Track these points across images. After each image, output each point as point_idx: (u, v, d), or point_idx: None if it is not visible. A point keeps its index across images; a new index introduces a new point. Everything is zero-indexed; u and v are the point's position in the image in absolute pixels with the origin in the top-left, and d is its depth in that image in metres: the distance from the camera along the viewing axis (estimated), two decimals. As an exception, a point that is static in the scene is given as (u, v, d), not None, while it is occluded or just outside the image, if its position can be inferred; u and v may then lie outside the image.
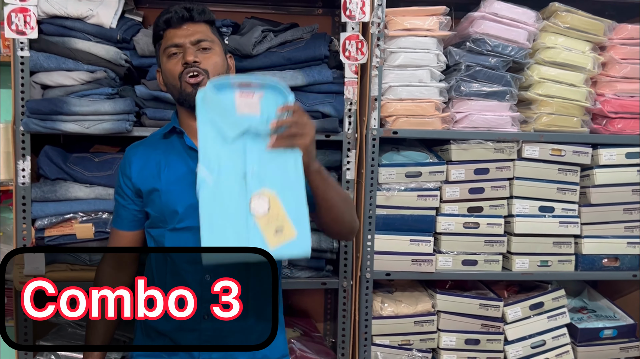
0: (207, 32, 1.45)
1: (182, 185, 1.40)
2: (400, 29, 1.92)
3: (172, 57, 1.42)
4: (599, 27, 2.02)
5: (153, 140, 1.53)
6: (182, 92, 1.40)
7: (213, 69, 1.41)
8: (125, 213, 1.50)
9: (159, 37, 1.46)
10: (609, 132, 2.06)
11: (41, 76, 1.81)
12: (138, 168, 1.46)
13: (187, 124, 1.46)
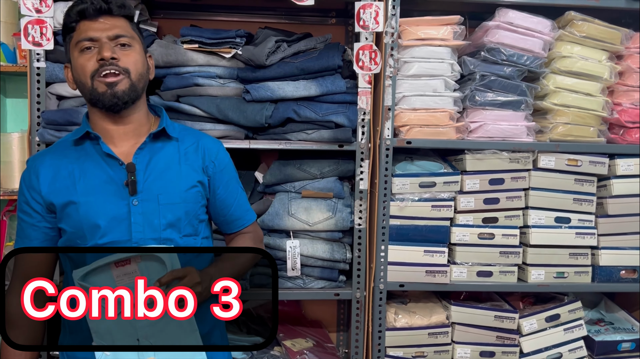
0: (127, 27, 1.32)
1: (103, 196, 1.29)
2: (414, 39, 1.91)
3: (85, 52, 1.28)
4: (615, 35, 1.99)
5: (61, 147, 1.38)
6: (94, 91, 1.27)
7: (134, 68, 1.30)
8: (35, 233, 1.34)
9: (70, 30, 1.32)
10: (626, 142, 2.03)
11: (57, 87, 1.83)
12: (48, 180, 1.32)
13: (101, 127, 1.34)
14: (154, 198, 1.31)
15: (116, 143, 1.34)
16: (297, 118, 1.86)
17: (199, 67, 1.89)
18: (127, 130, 1.34)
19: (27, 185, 1.34)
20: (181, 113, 1.85)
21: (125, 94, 1.28)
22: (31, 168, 1.35)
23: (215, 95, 1.87)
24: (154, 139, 1.36)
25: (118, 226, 1.28)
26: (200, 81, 1.87)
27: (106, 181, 1.30)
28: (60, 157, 1.34)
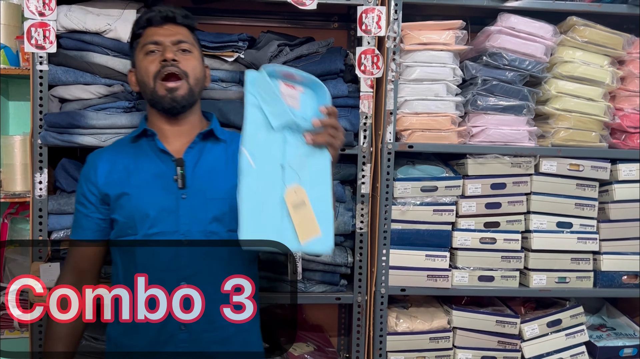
0: (188, 35, 1.44)
1: (154, 189, 1.37)
2: (416, 43, 1.91)
3: (149, 54, 1.40)
4: (617, 41, 2.00)
5: (118, 145, 1.50)
6: (155, 93, 1.38)
7: (192, 72, 1.39)
8: (88, 223, 1.43)
9: (137, 36, 1.43)
10: (628, 147, 2.03)
11: (59, 90, 1.83)
12: (105, 173, 1.41)
13: (158, 127, 1.44)
14: (201, 192, 1.38)
15: (170, 142, 1.43)
16: (299, 122, 1.86)
17: (202, 70, 1.89)
18: (181, 130, 1.44)
19: (85, 178, 1.45)
20: (183, 116, 1.85)
21: (183, 99, 1.39)
22: (90, 163, 1.46)
23: (217, 99, 1.87)
24: (203, 139, 1.45)
25: (167, 217, 1.36)
26: (202, 84, 1.87)
27: (158, 175, 1.39)
28: (117, 153, 1.45)
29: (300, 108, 1.24)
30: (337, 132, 1.26)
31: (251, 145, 1.20)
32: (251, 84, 1.21)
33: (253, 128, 1.20)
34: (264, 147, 1.21)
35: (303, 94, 1.26)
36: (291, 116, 1.23)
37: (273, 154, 1.22)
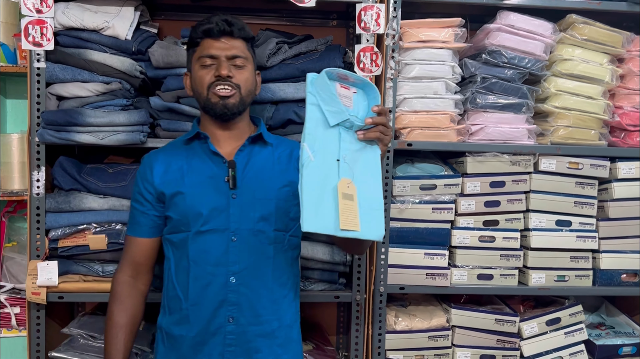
0: (243, 48, 1.50)
1: (206, 188, 1.46)
2: (415, 41, 1.91)
3: (205, 66, 1.47)
4: (616, 39, 1.99)
5: (173, 146, 1.58)
6: (208, 101, 1.47)
7: (244, 85, 1.48)
8: (144, 220, 1.53)
9: (195, 44, 1.50)
10: (627, 145, 2.03)
11: (57, 87, 1.82)
12: (161, 172, 1.50)
13: (210, 130, 1.53)
14: (250, 193, 1.47)
15: (221, 144, 1.52)
16: (297, 119, 1.86)
17: (200, 68, 1.88)
18: (232, 134, 1.53)
19: (141, 177, 1.53)
20: (181, 114, 1.85)
21: (234, 107, 1.48)
22: (146, 164, 1.54)
23: (215, 97, 1.86)
24: (252, 143, 1.54)
25: (218, 216, 1.45)
26: (200, 82, 1.86)
27: (210, 176, 1.47)
28: (172, 154, 1.53)
29: (353, 107, 1.36)
30: (387, 129, 1.35)
31: (311, 141, 1.29)
32: (311, 85, 1.31)
33: (313, 125, 1.30)
34: (322, 142, 1.31)
35: (356, 94, 1.37)
36: (347, 114, 1.32)
37: (330, 149, 1.31)
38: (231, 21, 1.48)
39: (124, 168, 1.89)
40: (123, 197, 1.83)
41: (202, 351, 1.46)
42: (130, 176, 1.85)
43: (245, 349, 1.46)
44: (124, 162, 1.98)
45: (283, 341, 1.51)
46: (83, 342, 1.85)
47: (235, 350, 1.46)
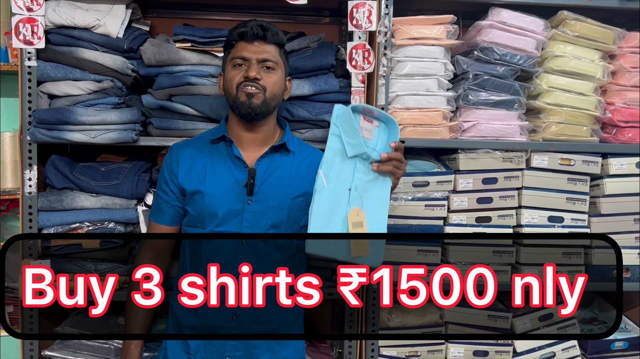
0: (275, 53, 1.55)
1: (225, 191, 1.52)
2: (408, 38, 1.91)
3: (236, 67, 1.53)
4: (608, 35, 2.00)
5: (200, 142, 1.62)
6: (237, 99, 1.52)
7: (271, 87, 1.53)
8: (168, 209, 1.60)
9: (230, 46, 1.56)
10: (619, 141, 2.04)
11: (48, 86, 1.82)
12: (186, 168, 1.57)
13: (235, 133, 1.58)
14: (265, 200, 1.53)
15: (245, 148, 1.57)
16: (290, 117, 1.86)
17: (192, 66, 1.88)
18: (256, 138, 1.58)
19: (168, 168, 1.60)
20: (174, 112, 1.85)
21: (258, 107, 1.51)
22: (173, 155, 1.60)
23: (208, 94, 1.86)
24: (274, 151, 1.59)
25: (232, 219, 1.52)
26: (192, 80, 1.86)
27: (231, 180, 1.54)
28: (198, 151, 1.59)
29: (373, 140, 1.45)
30: (401, 164, 1.45)
31: (327, 169, 1.40)
32: (337, 117, 1.41)
33: (331, 155, 1.41)
34: (338, 171, 1.41)
35: (377, 128, 1.47)
36: (364, 148, 1.42)
37: (344, 178, 1.42)
38: (266, 26, 1.53)
39: (117, 167, 1.89)
40: (115, 196, 1.83)
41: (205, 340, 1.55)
42: (123, 174, 1.85)
43: (245, 345, 1.55)
44: (116, 160, 1.98)
45: (277, 327, 1.58)
46: (76, 341, 1.85)
47: (235, 345, 1.54)
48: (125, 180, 1.83)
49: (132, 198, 1.84)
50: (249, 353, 1.55)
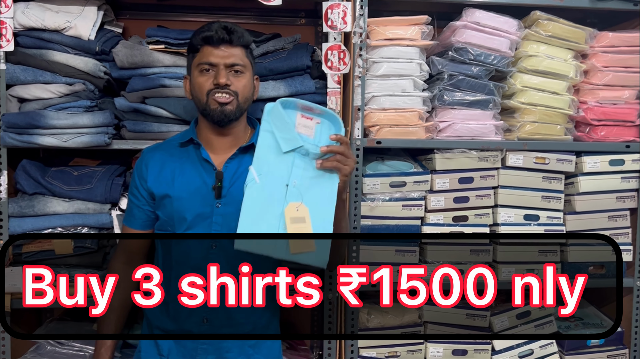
0: (242, 56, 1.52)
1: (193, 195, 1.50)
2: (383, 39, 1.91)
3: (204, 72, 1.50)
4: (580, 35, 2.02)
5: (169, 146, 1.60)
6: (207, 107, 1.49)
7: (242, 91, 1.51)
8: (140, 213, 1.58)
9: (195, 50, 1.52)
10: (592, 140, 2.06)
11: (18, 89, 1.79)
12: (155, 173, 1.54)
13: (205, 136, 1.56)
14: (234, 203, 1.46)
15: (214, 150, 1.55)
16: (265, 119, 1.84)
17: (165, 67, 1.86)
18: (226, 141, 1.56)
19: (138, 173, 1.58)
20: (147, 114, 1.82)
21: (232, 113, 1.50)
22: (144, 159, 1.58)
23: (182, 96, 1.84)
24: (242, 152, 1.55)
25: (201, 222, 1.49)
26: (166, 82, 1.84)
27: (199, 183, 1.51)
28: (167, 155, 1.57)
29: (314, 136, 1.42)
30: (347, 158, 1.40)
31: (259, 165, 1.38)
32: (267, 113, 1.40)
33: (263, 151, 1.39)
34: (271, 167, 1.39)
35: (320, 125, 1.44)
36: (300, 142, 1.40)
37: (279, 174, 1.39)
38: (231, 29, 1.50)
39: (90, 171, 1.86)
40: (89, 200, 1.80)
41: (177, 342, 1.53)
42: (96, 179, 1.82)
43: (217, 348, 1.52)
44: (89, 164, 1.95)
45: (255, 341, 1.55)
46: (50, 349, 1.82)
47: (207, 348, 1.52)
48: (99, 184, 1.80)
49: (105, 203, 1.82)
50: (221, 357, 1.52)
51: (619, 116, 2.06)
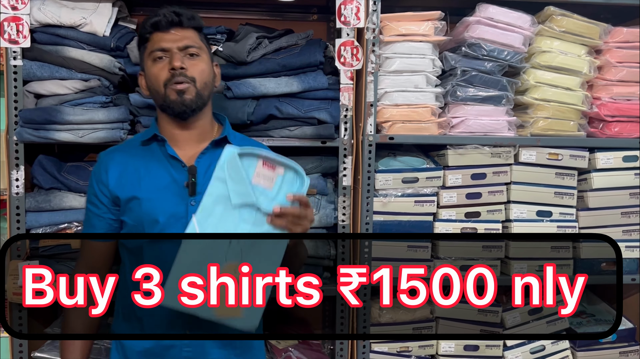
0: (195, 38, 1.42)
1: (164, 194, 1.38)
2: (396, 35, 1.91)
3: (157, 61, 1.39)
4: (594, 30, 2.01)
5: (130, 146, 1.48)
6: (166, 98, 1.38)
7: (200, 77, 1.39)
8: (100, 223, 1.44)
9: (145, 40, 1.42)
10: (605, 136, 2.06)
11: (34, 85, 1.80)
12: (116, 175, 1.42)
13: (168, 132, 1.44)
14: None
15: (180, 147, 1.43)
16: (279, 114, 1.85)
17: (180, 64, 1.87)
18: (192, 135, 1.44)
19: (96, 178, 1.44)
20: (162, 111, 1.84)
21: (192, 102, 1.38)
22: (101, 164, 1.45)
23: (196, 93, 1.85)
24: (215, 146, 1.44)
25: (176, 223, 1.36)
26: (180, 78, 1.85)
27: (169, 181, 1.39)
28: (129, 155, 1.44)
29: (273, 189, 1.29)
30: (301, 220, 1.28)
31: (203, 216, 1.25)
32: (224, 161, 1.26)
33: (211, 201, 1.26)
34: (217, 220, 1.26)
35: (282, 176, 1.30)
36: (252, 199, 1.27)
37: (226, 228, 1.26)
38: (179, 11, 1.40)
39: (105, 166, 1.87)
40: (104, 195, 1.82)
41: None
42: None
43: (199, 355, 1.41)
44: (104, 159, 1.96)
45: (241, 350, 1.46)
46: (67, 341, 1.83)
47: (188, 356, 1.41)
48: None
49: (121, 198, 1.83)
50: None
51: (633, 112, 2.04)
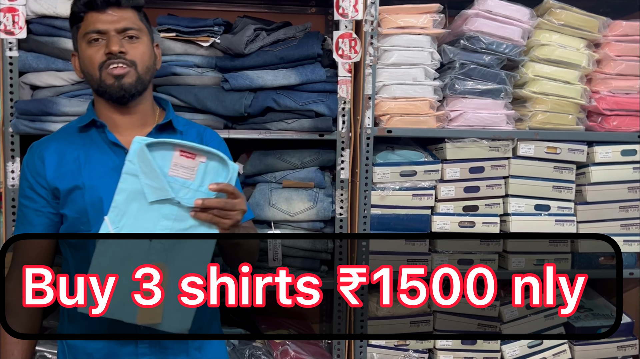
0: (135, 19, 1.32)
1: (108, 182, 1.26)
2: (394, 27, 1.90)
3: (92, 43, 1.29)
4: (593, 24, 2.01)
5: (66, 133, 1.38)
6: (102, 83, 1.29)
7: (140, 60, 1.31)
8: (39, 219, 1.33)
9: (78, 19, 1.31)
10: (604, 130, 2.05)
11: (30, 76, 1.79)
12: (54, 165, 1.32)
13: (107, 116, 1.35)
14: None
15: (121, 133, 1.34)
16: (276, 107, 1.85)
17: (177, 56, 1.86)
18: (133, 120, 1.36)
19: (30, 170, 1.34)
20: (159, 102, 1.83)
21: (132, 86, 1.30)
22: (35, 153, 1.35)
23: (193, 85, 1.84)
24: (159, 131, 1.37)
25: None
26: (177, 70, 1.84)
27: (112, 168, 1.29)
28: (66, 143, 1.34)
29: (195, 180, 1.18)
30: (227, 212, 1.17)
31: (116, 215, 1.16)
32: (134, 153, 1.16)
33: (123, 198, 1.17)
34: (134, 219, 1.17)
35: (204, 164, 1.18)
36: (170, 194, 1.16)
37: (143, 227, 1.16)
38: None
39: (101, 158, 1.86)
40: (100, 187, 1.81)
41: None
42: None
43: (160, 349, 1.33)
44: (101, 152, 1.95)
45: (200, 343, 1.39)
46: (63, 334, 1.83)
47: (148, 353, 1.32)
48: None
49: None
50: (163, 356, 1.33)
51: (632, 106, 2.04)
